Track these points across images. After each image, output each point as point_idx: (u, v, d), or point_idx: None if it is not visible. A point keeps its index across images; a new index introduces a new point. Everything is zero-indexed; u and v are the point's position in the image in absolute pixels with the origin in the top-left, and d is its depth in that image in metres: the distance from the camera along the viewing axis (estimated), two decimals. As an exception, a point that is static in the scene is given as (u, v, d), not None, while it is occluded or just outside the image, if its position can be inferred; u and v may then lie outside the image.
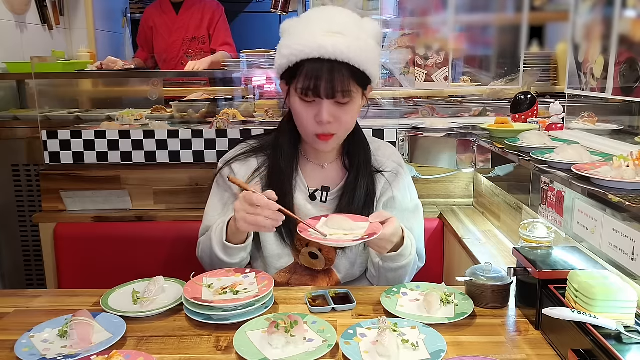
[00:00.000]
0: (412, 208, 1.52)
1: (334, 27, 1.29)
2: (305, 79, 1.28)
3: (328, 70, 1.26)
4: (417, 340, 1.03)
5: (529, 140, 1.61)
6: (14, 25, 3.09)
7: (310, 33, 1.28)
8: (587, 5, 1.68)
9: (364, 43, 1.30)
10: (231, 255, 1.35)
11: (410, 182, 1.54)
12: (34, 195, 2.63)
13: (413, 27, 2.45)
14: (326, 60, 1.26)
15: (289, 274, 1.46)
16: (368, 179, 1.45)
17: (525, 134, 1.67)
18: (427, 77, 2.40)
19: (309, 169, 1.48)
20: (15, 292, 1.31)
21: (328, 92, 1.28)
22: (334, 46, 1.25)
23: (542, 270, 1.07)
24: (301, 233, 1.22)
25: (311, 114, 1.33)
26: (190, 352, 1.03)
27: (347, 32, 1.28)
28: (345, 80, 1.28)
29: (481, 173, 2.10)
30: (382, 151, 1.53)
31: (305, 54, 1.27)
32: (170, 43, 3.55)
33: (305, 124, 1.35)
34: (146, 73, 3.09)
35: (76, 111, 2.72)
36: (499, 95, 2.55)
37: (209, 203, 1.50)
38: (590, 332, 0.89)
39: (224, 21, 3.64)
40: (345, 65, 1.27)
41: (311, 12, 1.40)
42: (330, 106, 1.31)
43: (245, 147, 1.50)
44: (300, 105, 1.33)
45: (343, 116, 1.33)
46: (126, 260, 1.91)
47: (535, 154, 1.44)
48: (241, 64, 2.70)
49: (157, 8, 3.61)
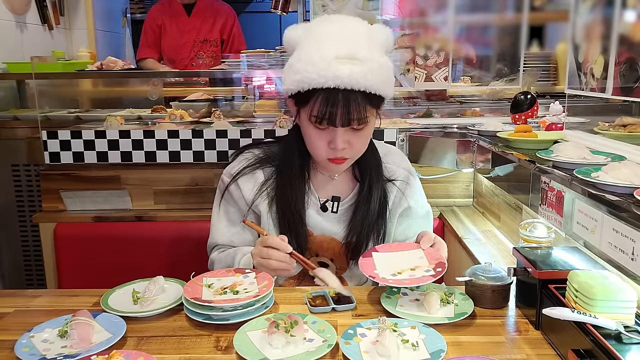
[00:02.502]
0: (424, 214, 1.51)
1: (347, 51, 1.21)
2: (319, 108, 1.23)
3: (344, 100, 1.22)
4: (417, 340, 1.03)
5: (564, 154, 1.39)
6: (14, 25, 3.09)
7: (323, 58, 1.21)
8: (587, 5, 1.68)
9: (380, 66, 1.25)
10: None
11: (420, 189, 1.52)
12: (34, 195, 2.63)
13: (413, 27, 2.45)
14: (341, 90, 1.21)
15: (297, 281, 1.46)
16: (380, 190, 1.42)
17: (559, 147, 1.45)
18: (427, 77, 2.40)
19: (318, 180, 1.45)
20: (15, 292, 1.31)
21: (344, 121, 1.24)
22: (350, 76, 1.20)
23: (542, 270, 1.07)
24: (374, 279, 1.20)
25: (324, 140, 1.29)
26: (190, 352, 1.03)
27: (361, 56, 1.21)
28: (361, 107, 1.23)
29: (481, 173, 2.10)
30: (392, 158, 1.49)
31: (320, 83, 1.21)
32: (181, 45, 3.53)
33: (317, 150, 1.32)
34: (147, 73, 3.09)
35: (76, 111, 2.72)
36: (499, 95, 2.56)
37: (215, 216, 1.47)
38: (590, 332, 0.89)
39: (237, 28, 3.63)
40: (362, 94, 1.23)
41: (320, 25, 1.30)
42: (344, 133, 1.27)
43: (250, 159, 1.45)
44: (313, 131, 1.29)
45: (358, 141, 1.31)
46: (126, 260, 1.91)
47: (580, 172, 1.23)
48: (241, 64, 2.70)
49: (165, 8, 3.57)
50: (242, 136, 2.03)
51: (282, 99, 2.69)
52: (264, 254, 1.24)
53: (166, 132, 2.04)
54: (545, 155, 1.43)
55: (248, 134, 2.03)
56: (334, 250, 1.42)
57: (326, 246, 1.42)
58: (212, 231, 1.48)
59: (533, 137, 1.67)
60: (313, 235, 1.42)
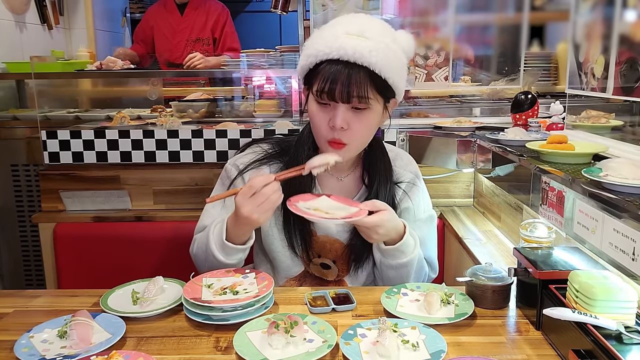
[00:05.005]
0: (425, 218, 1.48)
1: (358, 28, 1.23)
2: (321, 81, 1.23)
3: (346, 73, 1.21)
4: (418, 340, 1.03)
5: (617, 172, 1.14)
6: (13, 25, 3.09)
7: (333, 34, 1.23)
8: (588, 5, 1.68)
9: (389, 50, 1.24)
10: (229, 255, 1.31)
11: (425, 193, 1.50)
12: (33, 195, 2.63)
13: (413, 27, 2.45)
14: (345, 62, 1.21)
15: (298, 282, 1.45)
16: (388, 195, 1.40)
17: (611, 164, 1.18)
18: (427, 77, 2.40)
19: (325, 180, 1.44)
20: (14, 292, 1.30)
21: (343, 95, 1.22)
22: (354, 48, 1.20)
23: (542, 270, 1.07)
24: (289, 206, 1.22)
25: (326, 118, 1.27)
26: (190, 352, 1.03)
27: (371, 36, 1.22)
28: (363, 85, 1.22)
29: (482, 173, 2.09)
30: (399, 161, 1.48)
31: (325, 53, 1.22)
32: (174, 44, 3.55)
33: (318, 128, 1.31)
34: (146, 73, 3.09)
35: (75, 111, 2.72)
36: (499, 95, 2.55)
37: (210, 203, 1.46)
38: (591, 333, 0.89)
39: (230, 25, 3.64)
40: (364, 70, 1.21)
41: (343, 16, 1.33)
42: (345, 112, 1.25)
43: (259, 153, 1.44)
44: (316, 108, 1.29)
45: (357, 125, 1.27)
46: (126, 260, 1.90)
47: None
48: (241, 63, 2.70)
49: (160, 8, 3.61)
50: (242, 136, 2.03)
51: (282, 99, 2.69)
52: (259, 199, 1.19)
53: (166, 132, 2.03)
54: (592, 174, 1.19)
55: (248, 134, 2.03)
56: (337, 252, 1.42)
57: (329, 247, 1.42)
58: (202, 216, 1.45)
59: (570, 150, 1.45)
60: (317, 236, 1.42)
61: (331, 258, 1.42)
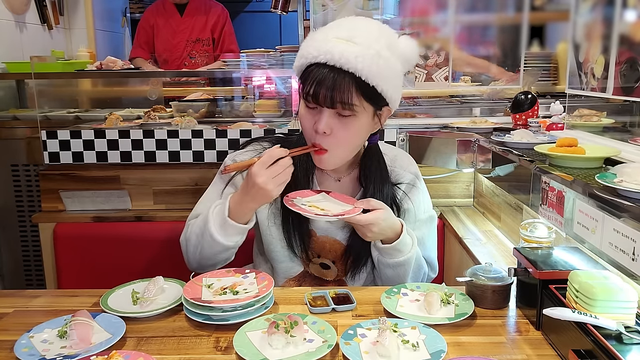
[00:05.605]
0: (425, 219, 1.47)
1: (348, 33, 1.22)
2: (308, 83, 1.23)
3: (331, 77, 1.20)
4: (418, 340, 1.03)
5: (632, 178, 1.12)
6: (13, 25, 3.09)
7: (324, 37, 1.23)
8: (588, 5, 1.68)
9: (380, 57, 1.21)
10: (228, 235, 1.28)
11: (425, 193, 1.49)
12: (33, 195, 2.63)
13: (413, 27, 2.45)
14: (331, 66, 1.20)
15: (298, 282, 1.45)
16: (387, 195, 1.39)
17: (626, 169, 1.15)
18: (427, 77, 2.40)
19: (324, 181, 1.43)
20: (14, 292, 1.30)
21: (327, 100, 1.21)
22: (340, 53, 1.18)
23: (542, 270, 1.07)
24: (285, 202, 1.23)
25: (312, 121, 1.27)
26: (190, 352, 1.03)
27: (360, 41, 1.20)
28: (347, 91, 1.20)
29: (481, 173, 2.09)
30: (399, 162, 1.47)
31: (313, 56, 1.22)
32: (174, 44, 3.57)
33: (304, 130, 1.31)
34: (146, 73, 3.09)
35: (75, 111, 2.72)
36: (499, 95, 2.55)
37: (207, 192, 1.46)
38: (591, 333, 0.89)
39: (229, 26, 3.66)
40: (350, 75, 1.20)
41: (340, 19, 1.31)
42: (330, 117, 1.24)
43: (259, 151, 1.42)
44: (305, 110, 1.29)
45: (342, 131, 1.25)
46: (126, 260, 1.90)
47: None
48: (241, 63, 2.70)
49: (159, 8, 3.63)
50: (242, 137, 2.03)
51: (282, 99, 2.69)
52: (276, 169, 1.19)
53: (166, 132, 2.03)
54: (606, 180, 1.15)
55: (248, 134, 2.03)
56: (337, 252, 1.42)
57: (329, 248, 1.42)
58: (197, 204, 1.44)
59: (580, 154, 1.41)
60: (316, 236, 1.42)
61: (331, 258, 1.42)
